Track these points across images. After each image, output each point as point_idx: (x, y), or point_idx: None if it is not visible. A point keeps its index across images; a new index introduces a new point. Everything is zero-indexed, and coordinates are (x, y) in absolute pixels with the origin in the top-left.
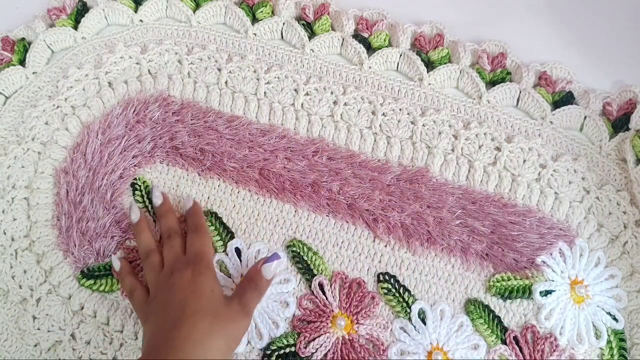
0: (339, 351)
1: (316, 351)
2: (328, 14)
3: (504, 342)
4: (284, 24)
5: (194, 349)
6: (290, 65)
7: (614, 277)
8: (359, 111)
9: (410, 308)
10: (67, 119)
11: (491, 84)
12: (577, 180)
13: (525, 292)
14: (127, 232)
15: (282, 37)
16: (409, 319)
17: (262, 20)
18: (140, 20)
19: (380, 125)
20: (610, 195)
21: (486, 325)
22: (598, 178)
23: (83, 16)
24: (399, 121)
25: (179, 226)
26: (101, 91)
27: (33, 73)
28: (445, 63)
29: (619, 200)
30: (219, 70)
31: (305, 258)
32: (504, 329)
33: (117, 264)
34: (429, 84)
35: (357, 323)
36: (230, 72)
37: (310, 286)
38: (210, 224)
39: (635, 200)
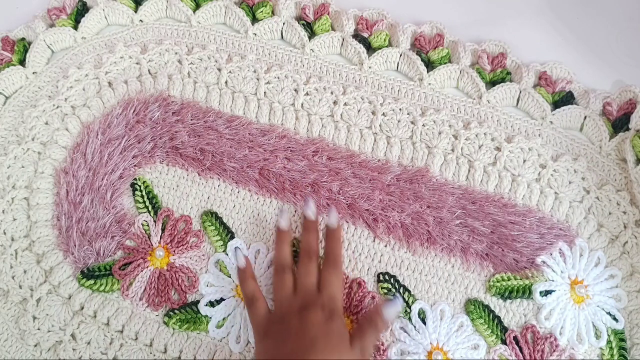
0: None
1: None
2: (328, 14)
3: (504, 342)
4: (284, 24)
5: None
6: (290, 65)
7: (614, 277)
8: (359, 111)
9: (410, 308)
10: (67, 119)
11: (491, 84)
12: (577, 180)
13: (525, 292)
14: (127, 232)
15: (282, 37)
16: (409, 319)
17: (262, 20)
18: (140, 20)
19: (380, 125)
20: (610, 195)
21: (486, 325)
22: (598, 178)
23: (83, 16)
24: (399, 121)
25: (319, 249)
26: (101, 91)
27: (33, 73)
28: (445, 63)
29: (619, 200)
30: (219, 70)
31: None
32: (504, 329)
33: (242, 261)
34: (429, 84)
35: (357, 323)
36: (230, 72)
37: None
38: (210, 224)
39: (635, 200)
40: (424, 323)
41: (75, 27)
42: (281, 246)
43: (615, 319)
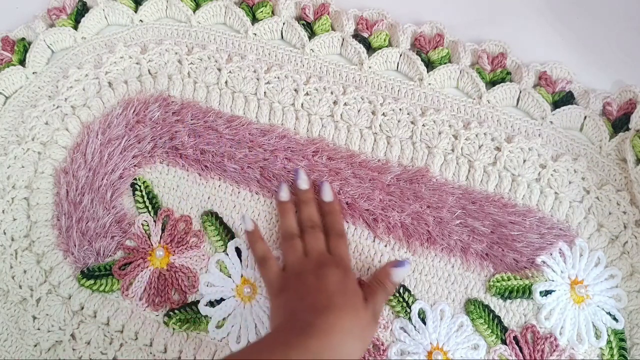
0: None
1: None
2: (328, 14)
3: (504, 342)
4: (284, 24)
5: (333, 339)
6: (290, 65)
7: (614, 277)
8: (359, 111)
9: (410, 308)
10: (67, 119)
11: (491, 84)
12: (577, 180)
13: (525, 292)
14: (127, 232)
15: (282, 37)
16: (409, 319)
17: (262, 20)
18: (140, 20)
19: (380, 125)
20: (610, 195)
21: (486, 325)
22: (598, 178)
23: (83, 16)
24: (399, 121)
25: (319, 220)
26: (101, 91)
27: (33, 73)
28: (445, 63)
29: (619, 200)
30: (219, 70)
31: None
32: (504, 329)
33: (249, 225)
34: (429, 84)
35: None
36: (230, 72)
37: None
38: (210, 224)
39: (635, 200)
40: (424, 323)
41: (75, 27)
42: (285, 215)
43: (615, 319)
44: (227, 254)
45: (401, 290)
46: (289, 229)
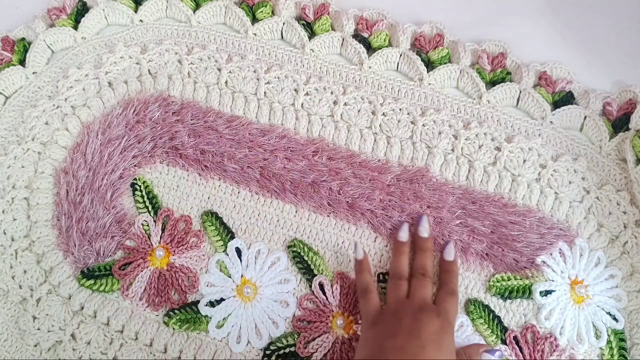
0: (339, 351)
1: (316, 351)
2: (328, 14)
3: (504, 342)
4: (284, 24)
5: None
6: (290, 65)
7: (614, 277)
8: (359, 111)
9: None
10: (67, 119)
11: (491, 84)
12: (577, 180)
13: (525, 292)
14: (127, 232)
15: (282, 37)
16: None
17: (262, 20)
18: (140, 20)
19: (380, 125)
20: (610, 195)
21: (486, 325)
22: (598, 178)
23: (83, 16)
24: (399, 121)
25: (432, 271)
26: (101, 91)
27: (33, 73)
28: (445, 63)
29: (619, 200)
30: (219, 70)
31: (306, 258)
32: (504, 329)
33: (360, 253)
34: (429, 84)
35: (356, 323)
36: (230, 72)
37: (310, 286)
38: (210, 224)
39: (635, 200)
40: None
41: (75, 27)
42: (399, 256)
43: (615, 319)
44: (227, 254)
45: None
46: (399, 270)
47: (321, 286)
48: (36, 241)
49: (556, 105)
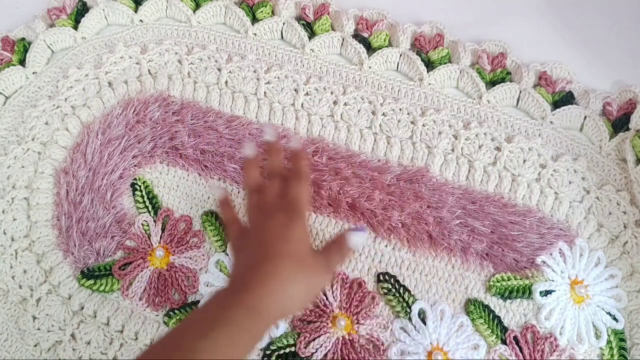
0: (339, 351)
1: (316, 351)
2: (328, 14)
3: (504, 342)
4: (284, 24)
5: (271, 288)
6: (290, 65)
7: (614, 277)
8: (359, 111)
9: (410, 308)
10: (67, 119)
11: (491, 84)
12: (577, 180)
13: (525, 292)
14: (127, 232)
15: (282, 37)
16: (409, 319)
17: (262, 20)
18: (140, 20)
19: (380, 125)
20: (610, 195)
21: (486, 325)
22: (598, 178)
23: (83, 16)
24: (399, 121)
25: (283, 169)
26: (101, 91)
27: (33, 73)
28: (445, 63)
29: (619, 200)
30: (219, 70)
31: None
32: (504, 329)
33: (218, 192)
34: (429, 84)
35: (357, 323)
36: (230, 72)
37: None
38: (210, 224)
39: (635, 200)
40: (424, 323)
41: (75, 27)
42: (249, 170)
43: (615, 319)
44: (227, 254)
45: (401, 290)
46: (249, 184)
47: None
48: (36, 241)
49: (556, 105)
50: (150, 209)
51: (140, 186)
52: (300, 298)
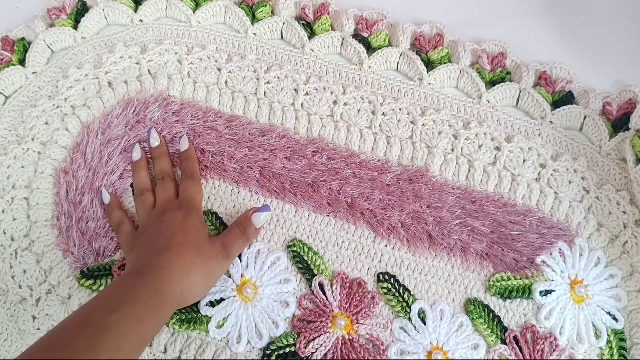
0: (339, 351)
1: (316, 351)
2: (328, 14)
3: (504, 342)
4: (284, 24)
5: (174, 273)
6: (290, 65)
7: (614, 277)
8: (359, 111)
9: (410, 308)
10: (67, 119)
11: (491, 84)
12: (577, 180)
13: (525, 292)
14: None
15: (282, 37)
16: (409, 319)
17: (262, 20)
18: (140, 20)
19: (380, 125)
20: (610, 195)
21: (486, 325)
22: (598, 178)
23: (83, 16)
24: (399, 121)
25: (173, 170)
26: (101, 91)
27: (33, 73)
28: (445, 63)
29: (619, 200)
30: (219, 70)
31: (306, 258)
32: (504, 329)
33: (106, 198)
34: (429, 84)
35: (357, 323)
36: (230, 72)
37: (310, 286)
38: (210, 224)
39: (635, 200)
40: (424, 323)
41: (75, 27)
42: (137, 173)
43: (615, 319)
44: None
45: (401, 290)
46: (141, 185)
47: (321, 286)
48: (36, 241)
49: (556, 105)
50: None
51: None
52: (201, 283)
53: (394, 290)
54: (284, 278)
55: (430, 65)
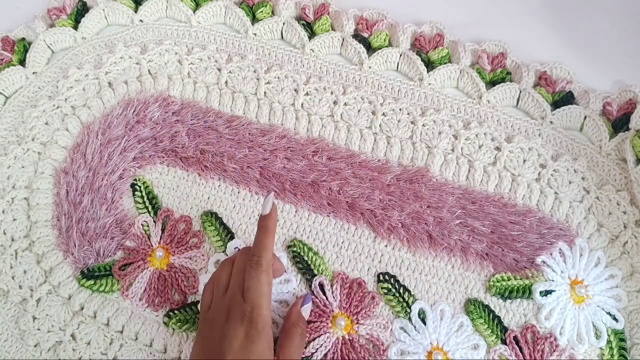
0: (339, 351)
1: (316, 351)
2: (328, 14)
3: (504, 342)
4: (284, 24)
5: None
6: (290, 65)
7: (614, 277)
8: (359, 111)
9: (410, 308)
10: (67, 119)
11: (491, 84)
12: (577, 180)
13: (525, 292)
14: (126, 232)
15: (282, 37)
16: (409, 319)
17: (262, 20)
18: (140, 20)
19: (380, 125)
20: (610, 195)
21: (486, 325)
22: (598, 178)
23: (83, 16)
24: (399, 121)
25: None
26: (101, 91)
27: (33, 73)
28: (445, 63)
29: (619, 200)
30: (219, 70)
31: (306, 258)
32: (504, 329)
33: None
34: (429, 84)
35: (357, 323)
36: (230, 72)
37: (310, 286)
38: (210, 224)
39: (635, 200)
40: (424, 323)
41: (75, 27)
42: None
43: (615, 319)
44: (227, 254)
45: (401, 290)
46: (223, 262)
47: (321, 286)
48: (36, 241)
49: (556, 105)
50: (150, 209)
51: (140, 186)
52: None
53: (394, 290)
54: (284, 278)
55: (430, 65)
